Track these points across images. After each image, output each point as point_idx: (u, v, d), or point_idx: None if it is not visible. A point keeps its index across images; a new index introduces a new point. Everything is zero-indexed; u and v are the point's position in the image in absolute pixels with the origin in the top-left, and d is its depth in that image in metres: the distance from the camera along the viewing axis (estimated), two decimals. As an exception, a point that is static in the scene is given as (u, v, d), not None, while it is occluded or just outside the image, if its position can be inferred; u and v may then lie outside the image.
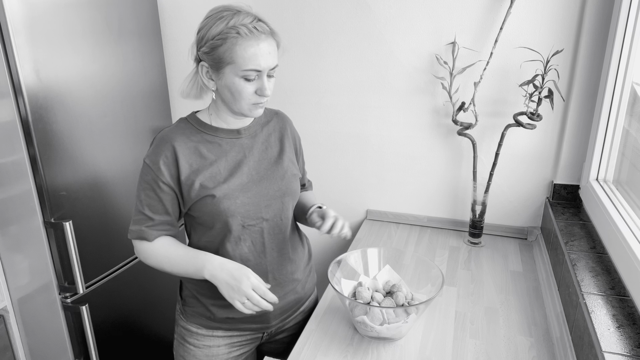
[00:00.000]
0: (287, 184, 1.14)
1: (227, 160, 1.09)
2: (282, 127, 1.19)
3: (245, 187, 1.09)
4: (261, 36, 0.98)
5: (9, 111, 1.29)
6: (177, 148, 1.06)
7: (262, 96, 1.02)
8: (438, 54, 1.52)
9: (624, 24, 1.25)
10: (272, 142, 1.16)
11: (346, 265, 1.19)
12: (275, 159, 1.15)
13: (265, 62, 0.99)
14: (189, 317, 1.16)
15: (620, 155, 1.35)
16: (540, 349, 1.08)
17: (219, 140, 1.10)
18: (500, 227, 1.62)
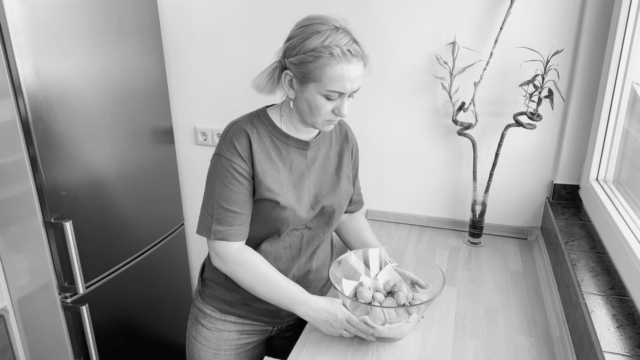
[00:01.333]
0: (339, 202, 1.16)
1: (292, 170, 1.10)
2: (342, 141, 1.20)
3: (305, 200, 1.11)
4: (352, 60, 0.98)
5: (9, 111, 1.29)
6: (253, 142, 1.06)
7: (338, 115, 1.04)
8: (438, 54, 1.52)
9: (624, 24, 1.25)
10: (331, 156, 1.17)
11: (347, 265, 1.19)
12: (332, 174, 1.16)
13: (351, 86, 1.00)
14: (206, 298, 1.20)
15: (620, 155, 1.35)
16: (540, 349, 1.08)
17: (287, 147, 1.10)
18: (500, 227, 1.62)
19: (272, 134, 1.09)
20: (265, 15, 1.67)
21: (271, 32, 1.68)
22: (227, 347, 1.20)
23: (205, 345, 1.20)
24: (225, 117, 1.82)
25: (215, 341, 1.19)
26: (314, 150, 1.13)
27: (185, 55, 1.82)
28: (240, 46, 1.73)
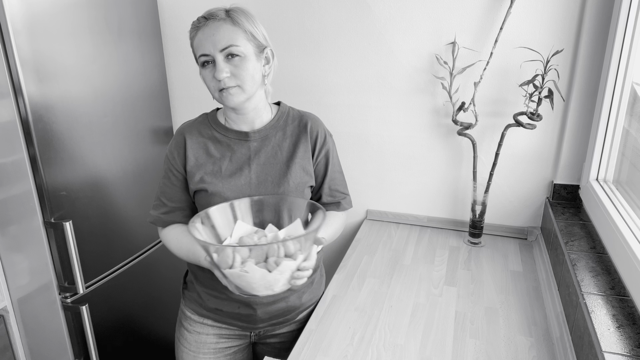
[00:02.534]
0: (284, 193, 1.11)
1: (232, 160, 1.11)
2: (300, 132, 1.15)
3: (240, 189, 1.10)
4: (209, 22, 1.02)
5: (9, 111, 1.29)
6: (187, 140, 1.12)
7: (221, 80, 1.01)
8: (438, 54, 1.52)
9: (624, 24, 1.25)
10: (284, 147, 1.14)
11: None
12: (282, 164, 1.12)
13: (212, 44, 1.00)
14: (187, 300, 1.21)
15: (620, 155, 1.35)
16: (540, 349, 1.08)
17: (228, 140, 1.12)
18: (500, 227, 1.62)
19: (213, 128, 1.13)
20: (265, 15, 1.67)
21: (271, 32, 1.68)
22: (206, 350, 1.19)
23: (186, 347, 1.21)
24: (225, 117, 1.82)
25: (195, 344, 1.19)
26: (258, 140, 1.12)
27: (185, 55, 1.82)
28: (240, 46, 1.73)
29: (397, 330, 1.15)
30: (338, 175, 1.23)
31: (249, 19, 1.04)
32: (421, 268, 1.42)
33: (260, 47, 1.06)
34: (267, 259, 0.91)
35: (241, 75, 1.02)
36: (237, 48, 1.01)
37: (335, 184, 1.22)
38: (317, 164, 1.17)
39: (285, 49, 1.68)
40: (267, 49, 1.08)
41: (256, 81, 1.06)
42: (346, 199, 1.26)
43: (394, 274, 1.40)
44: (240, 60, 1.02)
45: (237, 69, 1.02)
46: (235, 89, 1.03)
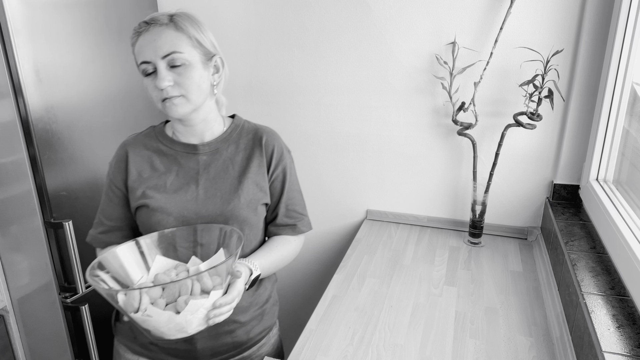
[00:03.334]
0: (234, 211, 1.02)
1: (179, 175, 1.04)
2: (254, 146, 1.08)
3: (185, 205, 1.02)
4: (150, 28, 0.95)
5: (9, 111, 1.29)
6: (130, 154, 1.05)
7: (163, 89, 0.94)
8: (438, 54, 1.52)
9: (624, 24, 1.25)
10: (237, 161, 1.06)
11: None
12: (233, 179, 1.05)
13: (153, 50, 0.93)
14: (119, 335, 1.11)
15: (620, 155, 1.35)
16: (540, 349, 1.08)
17: (175, 153, 1.05)
18: (500, 227, 1.62)
19: (159, 141, 1.07)
20: (265, 15, 1.67)
21: (271, 32, 1.68)
22: None
23: None
24: (225, 117, 1.83)
25: None
26: (208, 154, 1.05)
27: (185, 55, 1.82)
28: (240, 46, 1.73)
29: (397, 330, 1.15)
30: (296, 195, 1.14)
31: (195, 24, 0.98)
32: (421, 268, 1.42)
33: (208, 55, 1.00)
34: None
35: (185, 84, 0.95)
36: (181, 55, 0.94)
37: (293, 204, 1.13)
38: (272, 180, 1.09)
39: (285, 49, 1.68)
40: (215, 57, 1.01)
41: (203, 91, 0.99)
42: (304, 221, 1.15)
43: (394, 274, 1.40)
44: (185, 68, 0.95)
45: (181, 77, 0.95)
46: (179, 98, 0.96)
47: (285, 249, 1.12)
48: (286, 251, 1.12)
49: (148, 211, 1.02)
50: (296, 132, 1.76)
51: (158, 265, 0.96)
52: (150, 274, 0.94)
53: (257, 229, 1.09)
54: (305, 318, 2.03)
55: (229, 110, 1.16)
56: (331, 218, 1.82)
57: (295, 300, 2.01)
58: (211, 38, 1.02)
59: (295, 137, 1.77)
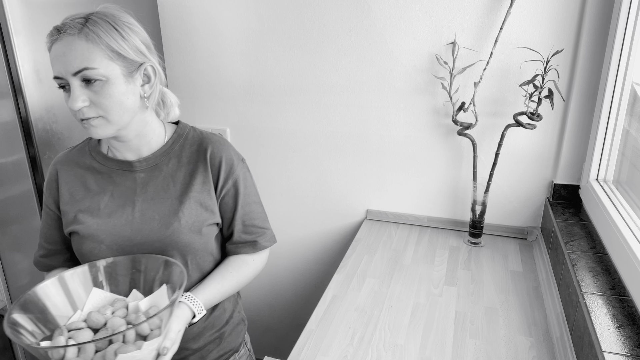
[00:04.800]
0: (174, 236, 0.92)
1: (113, 195, 0.94)
2: (198, 160, 0.96)
3: (118, 231, 0.92)
4: (62, 37, 0.82)
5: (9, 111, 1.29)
6: (60, 173, 0.96)
7: (78, 110, 0.83)
8: (438, 54, 1.52)
9: (624, 24, 1.25)
10: (178, 178, 0.95)
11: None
12: (173, 199, 0.94)
13: (63, 66, 0.81)
14: None
15: (620, 155, 1.35)
16: (540, 349, 1.08)
17: (110, 171, 0.95)
18: (500, 227, 1.62)
19: (93, 158, 0.96)
20: (265, 15, 1.67)
21: (271, 32, 1.68)
22: None
23: None
24: (225, 117, 1.83)
25: None
26: (147, 170, 0.95)
27: (185, 55, 1.82)
28: (240, 46, 1.73)
29: (397, 330, 1.15)
30: (255, 207, 1.02)
31: (112, 30, 0.84)
32: (421, 268, 1.42)
33: (133, 65, 0.86)
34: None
35: (103, 103, 0.83)
36: (95, 71, 0.81)
37: (251, 218, 1.01)
38: (222, 196, 0.98)
39: (285, 49, 1.68)
40: (144, 66, 0.88)
41: (128, 108, 0.87)
42: (265, 235, 1.04)
43: (394, 274, 1.40)
44: (102, 85, 0.83)
45: (98, 95, 0.83)
46: (98, 120, 0.85)
47: (241, 273, 1.01)
48: (242, 275, 1.01)
49: (79, 238, 0.92)
50: (296, 132, 1.76)
51: (94, 299, 0.86)
52: (84, 310, 0.84)
53: (206, 252, 0.98)
54: (305, 318, 2.03)
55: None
56: (331, 218, 1.82)
57: (295, 300, 2.01)
58: (136, 43, 0.87)
59: (295, 137, 1.77)
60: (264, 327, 2.11)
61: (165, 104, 0.98)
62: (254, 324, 2.12)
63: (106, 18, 0.85)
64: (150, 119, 0.95)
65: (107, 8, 0.88)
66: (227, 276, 0.99)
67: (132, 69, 0.87)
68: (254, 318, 2.11)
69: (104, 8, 0.87)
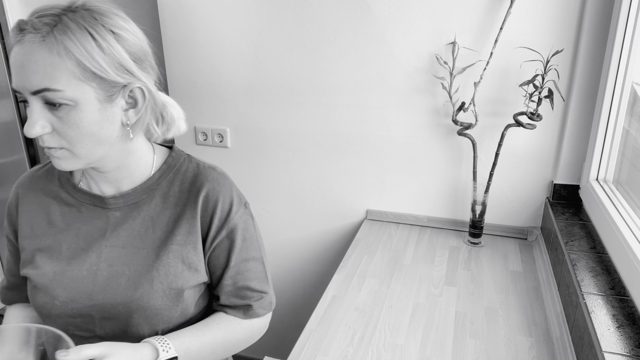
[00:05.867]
0: (142, 300, 0.73)
1: (79, 235, 0.76)
2: (187, 202, 0.77)
3: (78, 285, 0.74)
4: (23, 38, 0.62)
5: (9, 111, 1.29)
6: (21, 199, 0.79)
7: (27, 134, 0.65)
8: (438, 54, 1.52)
9: (624, 24, 1.25)
10: (160, 223, 0.77)
11: None
12: (149, 251, 0.75)
13: (20, 79, 0.63)
14: None
15: (620, 155, 1.35)
16: (540, 349, 1.08)
17: (79, 204, 0.77)
18: (500, 227, 1.62)
19: (62, 186, 0.79)
20: (265, 15, 1.67)
21: (271, 32, 1.68)
22: None
23: None
24: (225, 117, 1.83)
25: None
26: (123, 210, 0.76)
27: (185, 55, 1.82)
28: (240, 46, 1.73)
29: (397, 330, 1.15)
30: (253, 265, 0.82)
31: (88, 40, 0.63)
32: (421, 268, 1.42)
33: (114, 88, 0.67)
34: None
35: (68, 134, 0.65)
36: (58, 94, 0.62)
37: (246, 279, 0.81)
38: (212, 249, 0.79)
39: (285, 49, 1.68)
40: (130, 87, 0.68)
41: (100, 140, 0.68)
42: (262, 300, 0.83)
43: (394, 274, 1.40)
44: (69, 110, 0.64)
45: (63, 123, 0.65)
46: (61, 151, 0.67)
47: (230, 331, 0.80)
48: (232, 334, 0.80)
49: (32, 288, 0.76)
50: (296, 132, 1.76)
51: None
52: None
53: (184, 321, 0.79)
54: (305, 318, 2.03)
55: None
56: (331, 218, 1.82)
57: (295, 300, 2.01)
58: (120, 58, 0.66)
59: (295, 137, 1.77)
60: (264, 327, 2.11)
61: (164, 119, 0.79)
62: (254, 324, 2.12)
63: (83, 22, 0.64)
64: (137, 146, 0.76)
65: (92, 2, 0.67)
66: (212, 327, 0.78)
67: (113, 91, 0.67)
68: (254, 318, 2.10)
69: (89, 1, 0.67)
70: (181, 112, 0.83)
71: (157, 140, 0.82)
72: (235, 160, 1.87)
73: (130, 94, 0.70)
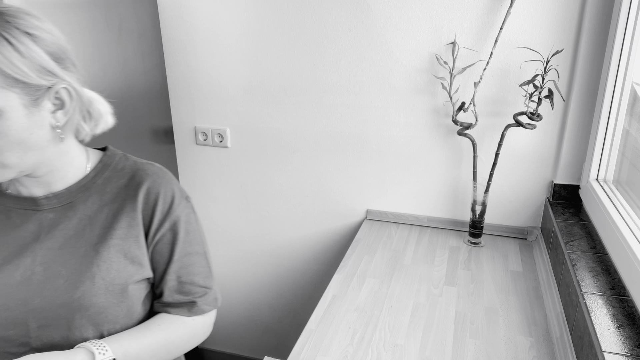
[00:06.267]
0: (84, 299, 0.70)
1: (8, 242, 0.72)
2: (126, 197, 0.76)
3: (11, 291, 0.70)
4: None
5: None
6: None
7: None
8: (438, 54, 1.52)
9: (624, 24, 1.25)
10: (97, 221, 0.74)
11: None
12: (87, 249, 0.73)
13: None
14: None
15: (620, 155, 1.35)
16: (540, 349, 1.08)
17: (8, 209, 0.74)
18: (500, 227, 1.62)
19: None
20: (265, 15, 1.67)
21: (271, 32, 1.68)
22: None
23: None
24: (225, 117, 1.83)
25: None
26: (57, 211, 0.74)
27: (185, 55, 1.82)
28: (240, 46, 1.73)
29: (397, 330, 1.15)
30: (196, 259, 0.81)
31: (5, 45, 0.61)
32: (421, 268, 1.42)
33: (38, 91, 0.65)
34: None
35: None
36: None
37: (190, 273, 0.80)
38: (155, 243, 0.78)
39: (285, 49, 1.68)
40: (55, 88, 0.67)
41: (31, 146, 0.67)
42: (207, 296, 0.82)
43: (394, 274, 1.40)
44: None
45: None
46: None
47: (173, 332, 0.78)
48: (175, 335, 0.78)
49: None
50: (296, 132, 1.76)
51: None
52: None
53: (130, 319, 0.77)
54: (305, 318, 2.03)
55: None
56: (331, 218, 1.82)
57: (295, 300, 2.01)
58: (41, 60, 0.64)
59: (295, 137, 1.77)
60: (264, 327, 2.11)
61: (92, 115, 0.77)
62: (254, 324, 2.12)
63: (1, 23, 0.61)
64: (68, 147, 0.74)
65: (0, 5, 0.65)
66: (153, 328, 0.76)
67: (38, 95, 0.65)
68: (254, 318, 2.11)
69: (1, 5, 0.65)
70: (107, 105, 0.81)
71: (87, 137, 0.79)
72: (235, 160, 1.87)
73: (56, 95, 0.68)
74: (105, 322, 0.73)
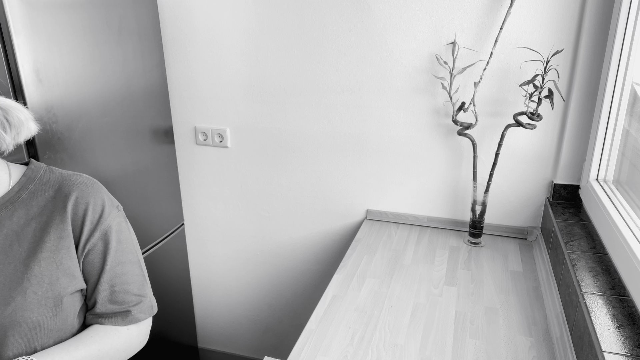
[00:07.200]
0: (16, 315, 0.69)
1: None
2: (54, 209, 0.74)
3: None
4: None
5: (9, 111, 1.29)
6: None
7: None
8: (438, 54, 1.52)
9: (624, 24, 1.25)
10: (25, 236, 0.72)
11: None
12: (17, 264, 0.71)
13: None
14: None
15: (620, 155, 1.35)
16: (540, 349, 1.08)
17: None
18: (500, 227, 1.62)
19: None
20: (265, 15, 1.67)
21: (271, 32, 1.68)
22: None
23: None
24: (225, 117, 1.83)
25: None
26: None
27: (185, 55, 1.82)
28: (240, 46, 1.73)
29: (397, 330, 1.15)
30: (130, 268, 0.80)
31: None
32: (421, 268, 1.42)
33: None
34: None
35: None
36: None
37: (123, 282, 0.79)
38: (86, 253, 0.77)
39: (285, 49, 1.68)
40: None
41: None
42: (141, 305, 0.81)
43: (394, 274, 1.40)
44: None
45: None
46: None
47: (107, 343, 0.76)
48: (109, 345, 0.76)
49: None
50: (296, 132, 1.76)
51: None
52: None
53: (64, 332, 0.75)
54: (305, 318, 2.03)
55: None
56: (331, 218, 1.82)
57: (295, 300, 2.01)
58: None
59: (295, 137, 1.77)
60: (264, 327, 2.11)
61: (11, 124, 0.72)
62: (254, 324, 2.12)
63: None
64: None
65: None
66: (86, 341, 0.74)
67: None
68: (254, 318, 2.11)
69: None
70: (27, 113, 0.76)
71: (10, 147, 0.74)
72: (235, 160, 1.87)
73: None
74: (38, 337, 0.71)
